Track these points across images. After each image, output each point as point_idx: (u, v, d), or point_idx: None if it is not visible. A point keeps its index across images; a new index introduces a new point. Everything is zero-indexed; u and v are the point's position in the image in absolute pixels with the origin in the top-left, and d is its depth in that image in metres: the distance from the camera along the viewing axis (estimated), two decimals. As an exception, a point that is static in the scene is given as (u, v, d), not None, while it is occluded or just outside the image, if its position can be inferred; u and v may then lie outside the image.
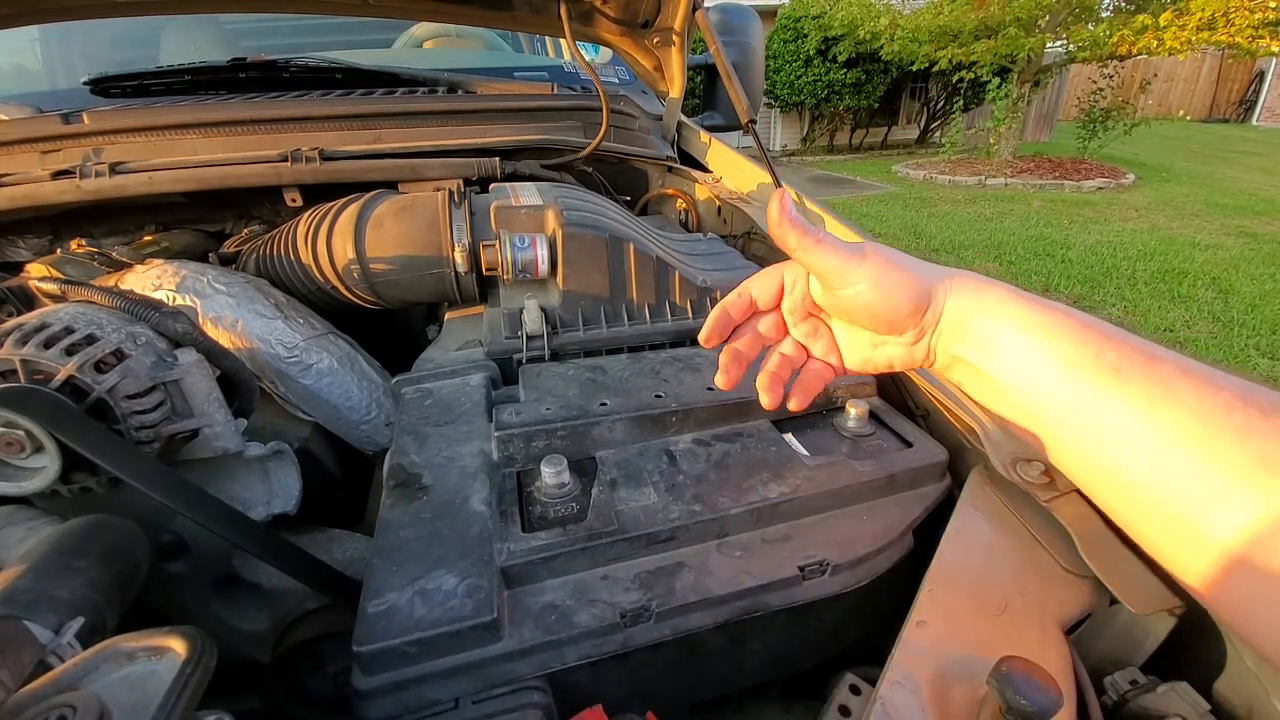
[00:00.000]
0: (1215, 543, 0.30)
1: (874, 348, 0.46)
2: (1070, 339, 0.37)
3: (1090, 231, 5.55)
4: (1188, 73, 16.24)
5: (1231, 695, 0.43)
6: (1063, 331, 0.37)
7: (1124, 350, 0.35)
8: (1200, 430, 0.31)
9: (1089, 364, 0.35)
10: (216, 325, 0.74)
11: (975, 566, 0.49)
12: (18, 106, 1.14)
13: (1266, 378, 3.08)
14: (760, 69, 1.69)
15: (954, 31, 7.40)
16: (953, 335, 0.41)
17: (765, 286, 0.48)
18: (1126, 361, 0.34)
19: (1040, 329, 0.38)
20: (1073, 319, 0.38)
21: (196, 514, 0.51)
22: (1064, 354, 0.36)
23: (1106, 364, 0.35)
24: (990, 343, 0.39)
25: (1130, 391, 0.33)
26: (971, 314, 0.40)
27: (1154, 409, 0.32)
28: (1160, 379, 0.33)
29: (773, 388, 0.47)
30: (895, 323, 0.42)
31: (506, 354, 0.75)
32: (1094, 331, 0.36)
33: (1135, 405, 0.33)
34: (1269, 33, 5.86)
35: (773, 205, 0.40)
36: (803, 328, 0.48)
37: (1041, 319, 0.38)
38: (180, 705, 0.32)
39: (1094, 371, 0.35)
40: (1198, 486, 0.31)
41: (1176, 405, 0.32)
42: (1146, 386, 0.33)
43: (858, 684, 0.46)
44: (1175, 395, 0.32)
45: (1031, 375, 0.38)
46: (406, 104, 1.14)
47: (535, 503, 0.54)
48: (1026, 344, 0.38)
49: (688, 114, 1.54)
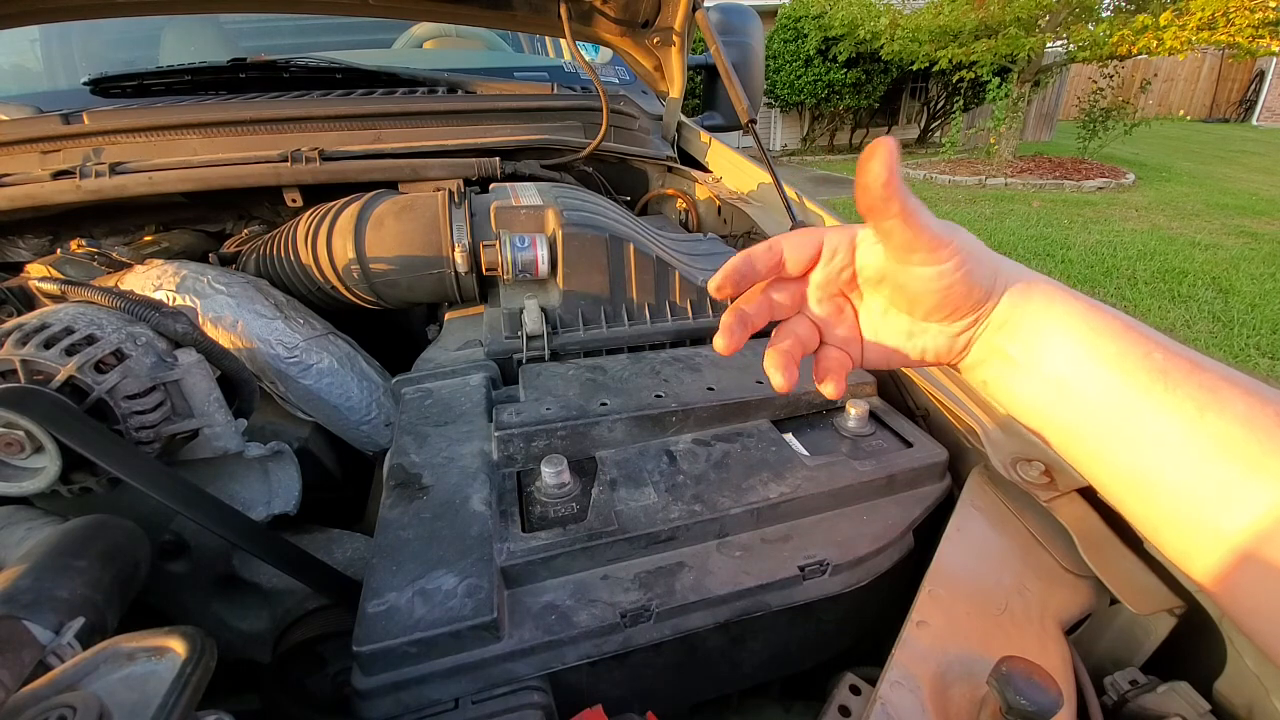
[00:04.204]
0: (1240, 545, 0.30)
1: (909, 337, 0.41)
2: (1120, 339, 0.35)
3: (1090, 231, 5.55)
4: (1188, 73, 16.23)
5: (1231, 695, 0.43)
6: (1111, 332, 0.36)
7: (1170, 355, 0.34)
8: (1251, 444, 0.30)
9: (1137, 366, 0.34)
10: (216, 325, 0.74)
11: (975, 566, 0.49)
12: (18, 106, 1.14)
13: (1267, 378, 3.08)
14: (760, 69, 1.69)
15: (954, 31, 7.40)
16: (1001, 328, 0.39)
17: (800, 248, 0.41)
18: (1174, 366, 0.33)
19: (1089, 328, 0.36)
20: (1119, 319, 0.36)
21: (196, 514, 0.51)
22: (1112, 355, 0.35)
23: (1155, 366, 0.33)
24: (1037, 338, 0.38)
25: (1178, 398, 0.32)
26: (1022, 307, 0.38)
27: (1202, 417, 0.31)
28: (1209, 386, 0.32)
29: (787, 367, 0.40)
30: (962, 308, 0.38)
31: (506, 354, 0.75)
32: (1141, 333, 0.35)
33: (1183, 412, 0.32)
34: (1269, 32, 5.86)
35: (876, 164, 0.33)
36: (827, 305, 0.42)
37: (1089, 317, 0.37)
38: (180, 705, 0.32)
39: (1143, 375, 0.34)
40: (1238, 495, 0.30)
41: (1226, 415, 0.31)
42: (1195, 393, 0.32)
43: (858, 684, 0.46)
44: (1224, 404, 0.31)
45: (1077, 372, 0.36)
46: (406, 104, 1.14)
47: (535, 503, 0.54)
48: (1074, 341, 0.37)
49: (688, 114, 1.54)
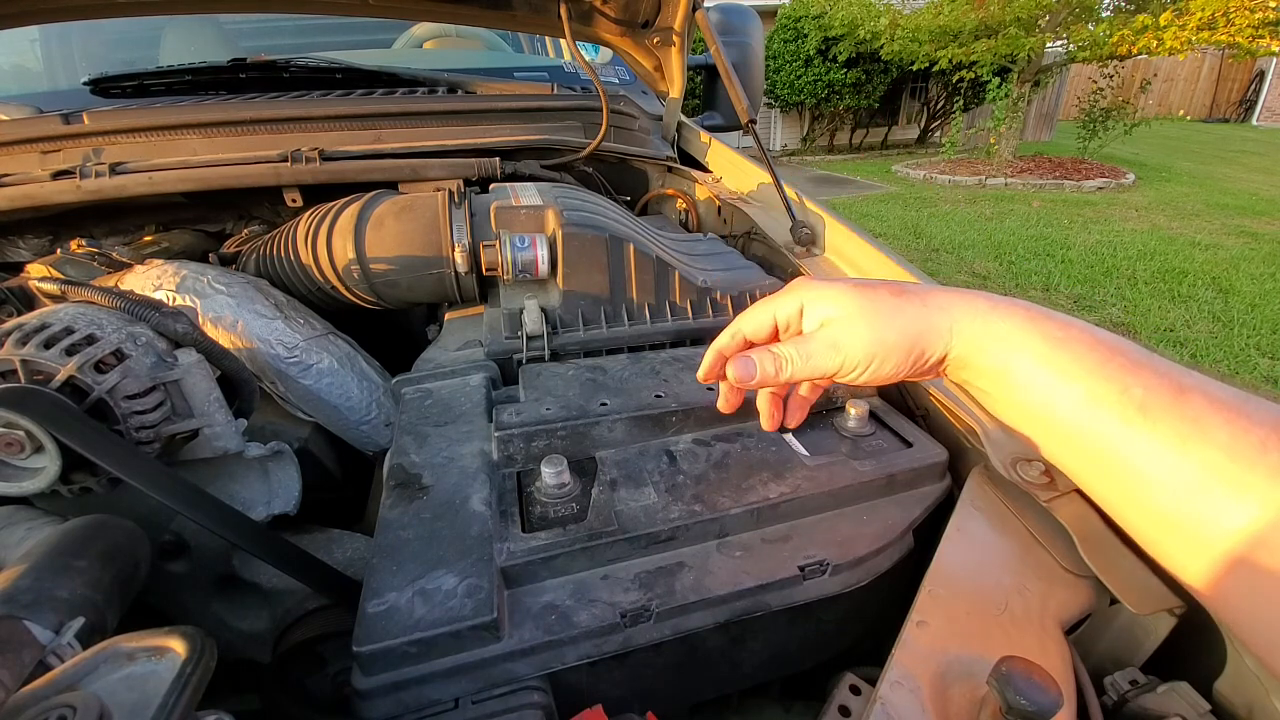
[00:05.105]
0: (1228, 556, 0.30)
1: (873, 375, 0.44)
2: (1094, 374, 0.34)
3: (1090, 231, 5.55)
4: (1188, 73, 16.23)
5: (1231, 695, 0.43)
6: (1084, 366, 0.35)
7: (1151, 384, 0.33)
8: (1235, 471, 0.29)
9: (1114, 401, 0.33)
10: (216, 325, 0.74)
11: (975, 566, 0.49)
12: (18, 106, 1.14)
13: (1266, 378, 3.08)
14: (760, 69, 1.69)
15: (954, 31, 7.40)
16: (962, 366, 0.40)
17: (758, 325, 0.47)
18: (1154, 398, 0.32)
19: (1059, 362, 0.36)
20: (1095, 350, 0.35)
21: (196, 514, 0.51)
22: (1086, 390, 0.34)
23: (1133, 401, 0.33)
24: (1004, 373, 0.38)
25: (1160, 431, 0.32)
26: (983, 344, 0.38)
27: (1185, 449, 0.31)
28: (1190, 416, 0.31)
29: (773, 414, 0.52)
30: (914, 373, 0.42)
31: (506, 354, 0.75)
32: (1118, 364, 0.34)
33: (1166, 444, 0.31)
34: (1269, 32, 5.86)
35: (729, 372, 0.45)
36: None
37: (1059, 352, 0.36)
38: (180, 705, 0.32)
39: (1120, 409, 0.33)
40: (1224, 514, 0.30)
41: (1209, 445, 0.30)
42: (1176, 425, 0.31)
43: (858, 684, 0.46)
44: (1207, 434, 0.30)
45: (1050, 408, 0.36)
46: (406, 104, 1.14)
47: (535, 503, 0.54)
48: (1044, 376, 0.36)
49: (688, 114, 1.54)
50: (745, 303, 0.82)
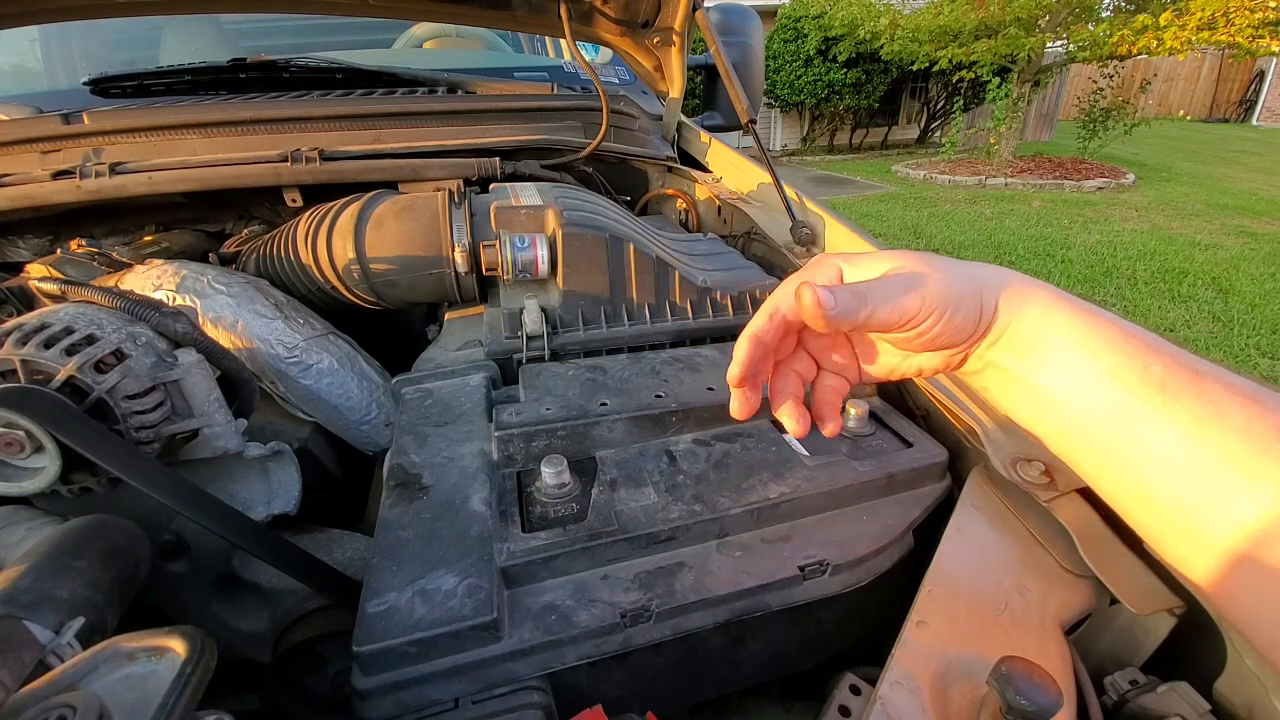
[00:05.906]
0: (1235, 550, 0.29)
1: (905, 358, 0.42)
2: (1117, 351, 0.34)
3: (1090, 231, 5.55)
4: (1188, 73, 16.23)
5: (1231, 695, 0.43)
6: (1109, 343, 0.35)
7: (1170, 365, 0.33)
8: (1250, 457, 0.29)
9: (1136, 379, 0.33)
10: (216, 325, 0.74)
11: (975, 566, 0.49)
12: (18, 106, 1.14)
13: (1267, 378, 3.08)
14: (760, 69, 1.69)
15: (954, 31, 7.40)
16: (995, 342, 0.39)
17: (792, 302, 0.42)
18: (1173, 378, 0.32)
19: (1085, 340, 0.35)
20: (1117, 327, 0.35)
21: (196, 514, 0.51)
22: (1110, 368, 0.34)
23: (1153, 379, 0.33)
24: (1034, 350, 0.37)
25: (1177, 411, 0.32)
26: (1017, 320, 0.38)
27: (1201, 431, 0.31)
28: (1208, 398, 0.31)
29: (800, 415, 0.43)
30: (951, 345, 0.39)
31: (506, 354, 0.75)
32: (1140, 343, 0.34)
33: (1182, 426, 0.31)
34: (1269, 32, 5.86)
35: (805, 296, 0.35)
36: (821, 341, 0.44)
37: (1086, 329, 0.36)
38: (180, 705, 0.32)
39: (1141, 388, 0.33)
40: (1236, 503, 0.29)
41: (1225, 428, 0.30)
42: (1194, 406, 0.31)
43: (858, 684, 0.46)
44: (1224, 417, 0.30)
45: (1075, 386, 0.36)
46: (406, 104, 1.14)
47: (535, 503, 0.54)
48: (1071, 355, 0.36)
49: (688, 114, 1.54)
50: (745, 303, 0.82)
